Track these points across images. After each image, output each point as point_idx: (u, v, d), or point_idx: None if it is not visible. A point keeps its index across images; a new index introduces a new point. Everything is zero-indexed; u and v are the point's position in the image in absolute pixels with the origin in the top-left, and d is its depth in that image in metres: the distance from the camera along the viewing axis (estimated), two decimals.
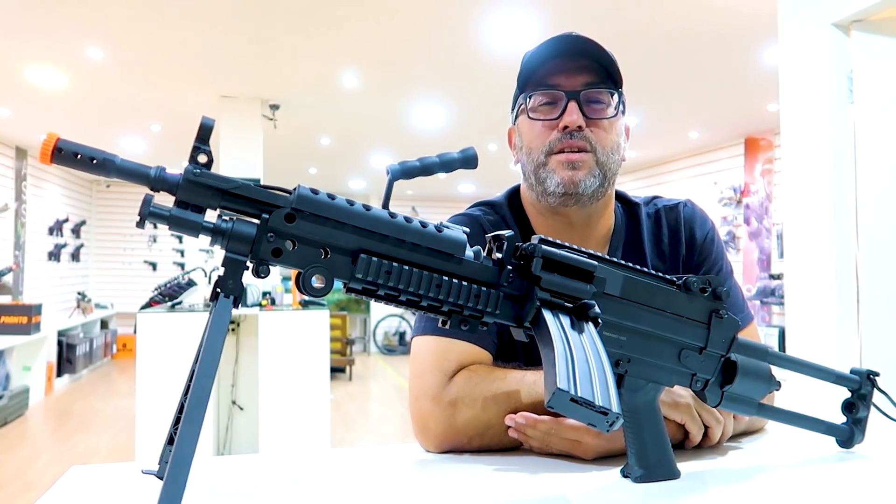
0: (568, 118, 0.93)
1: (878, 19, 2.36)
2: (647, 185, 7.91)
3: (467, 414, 0.85)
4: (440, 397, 0.87)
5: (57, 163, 0.50)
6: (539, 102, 0.97)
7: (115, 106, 5.42)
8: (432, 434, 0.87)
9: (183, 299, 4.54)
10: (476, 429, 0.85)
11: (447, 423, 0.86)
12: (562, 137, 0.94)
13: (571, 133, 0.93)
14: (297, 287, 0.57)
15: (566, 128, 0.93)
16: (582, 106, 0.94)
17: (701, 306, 0.75)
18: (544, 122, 0.96)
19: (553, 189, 0.95)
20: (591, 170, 0.94)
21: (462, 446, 0.87)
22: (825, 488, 0.73)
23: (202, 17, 3.59)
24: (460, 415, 0.86)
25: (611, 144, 0.96)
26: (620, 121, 0.99)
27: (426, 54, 4.19)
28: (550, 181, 0.95)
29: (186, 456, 0.48)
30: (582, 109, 0.94)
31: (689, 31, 3.73)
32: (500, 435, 0.85)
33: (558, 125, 0.94)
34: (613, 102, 0.96)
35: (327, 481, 0.75)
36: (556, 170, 0.95)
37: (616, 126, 0.97)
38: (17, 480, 4.02)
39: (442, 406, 0.86)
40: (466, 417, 0.85)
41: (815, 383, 0.88)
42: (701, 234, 1.04)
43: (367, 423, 5.69)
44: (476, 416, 0.85)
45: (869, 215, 2.39)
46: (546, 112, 0.96)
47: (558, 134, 0.94)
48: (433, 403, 0.87)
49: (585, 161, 0.94)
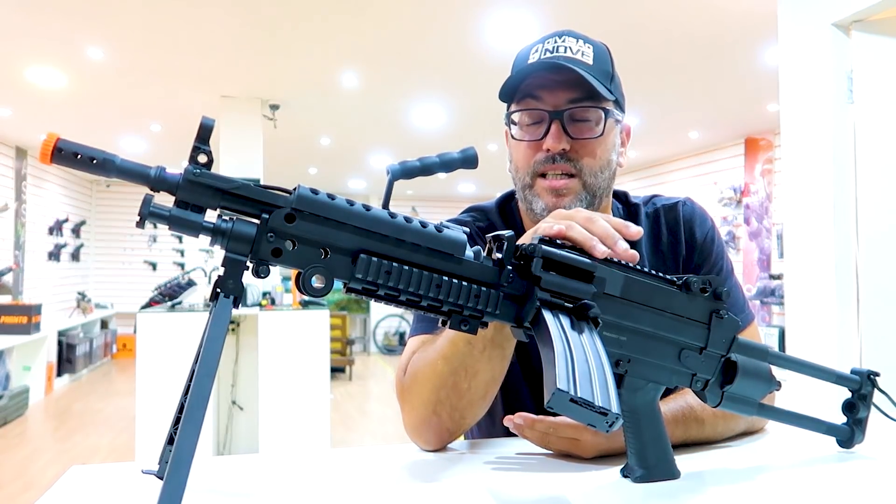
0: (550, 141, 0.91)
1: (878, 19, 2.36)
2: (647, 185, 7.91)
3: (417, 391, 0.85)
4: (401, 393, 0.89)
5: (57, 163, 0.50)
6: (524, 120, 0.95)
7: (115, 106, 5.43)
8: (411, 429, 0.87)
9: (183, 299, 4.54)
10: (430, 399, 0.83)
11: (412, 412, 0.86)
12: (545, 160, 0.92)
13: (554, 157, 0.91)
14: (297, 287, 0.56)
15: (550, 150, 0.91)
16: (566, 126, 0.91)
17: (701, 306, 0.75)
18: (528, 143, 0.94)
19: (539, 213, 0.94)
20: (577, 195, 0.93)
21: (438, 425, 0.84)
22: (825, 488, 0.73)
23: (202, 17, 3.59)
24: (414, 397, 0.86)
25: (599, 164, 0.93)
26: (612, 134, 0.95)
27: (426, 54, 4.19)
28: (536, 205, 0.94)
29: (186, 456, 0.48)
30: (566, 129, 0.91)
31: (689, 31, 3.73)
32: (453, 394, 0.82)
33: (541, 146, 0.92)
34: (601, 119, 0.92)
35: (327, 481, 0.75)
36: (541, 195, 0.93)
37: (606, 142, 0.94)
38: (17, 480, 4.02)
39: (404, 399, 0.88)
40: (418, 395, 0.85)
41: (815, 383, 0.88)
42: (701, 234, 1.03)
43: (367, 423, 5.69)
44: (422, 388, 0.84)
45: (869, 215, 2.38)
46: (530, 131, 0.94)
47: (543, 155, 0.92)
48: (400, 401, 0.89)
49: (571, 187, 0.92)
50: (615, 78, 0.96)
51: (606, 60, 0.95)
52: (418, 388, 0.85)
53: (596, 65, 0.92)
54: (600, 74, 0.92)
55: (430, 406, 0.84)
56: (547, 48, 0.94)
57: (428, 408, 0.84)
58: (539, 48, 0.95)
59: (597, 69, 0.92)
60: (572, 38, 0.94)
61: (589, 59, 0.92)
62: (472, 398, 0.83)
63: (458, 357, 0.81)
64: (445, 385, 0.82)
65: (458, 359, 0.81)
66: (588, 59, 0.92)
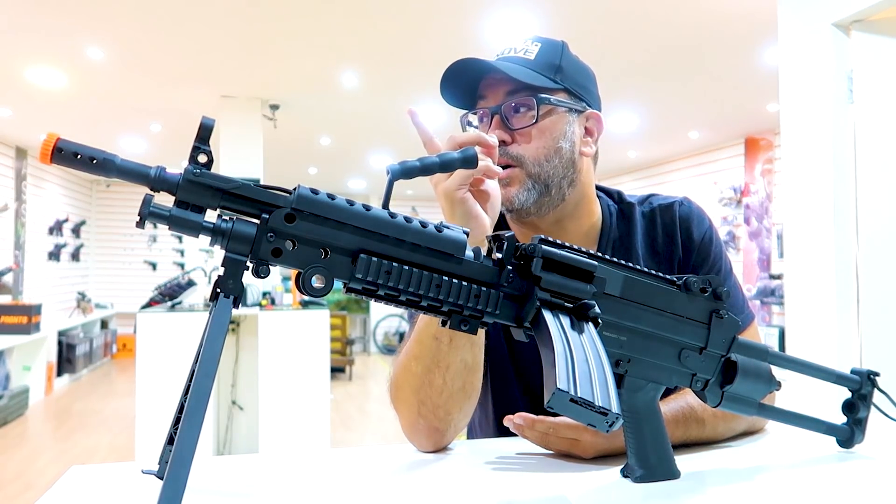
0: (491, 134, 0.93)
1: (878, 19, 2.36)
2: (647, 185, 7.91)
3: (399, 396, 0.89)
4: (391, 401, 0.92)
5: (57, 163, 0.50)
6: (475, 123, 0.99)
7: (115, 106, 5.42)
8: (406, 435, 0.90)
9: (183, 299, 4.54)
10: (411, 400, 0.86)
11: (401, 419, 0.89)
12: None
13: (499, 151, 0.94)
14: (297, 287, 0.56)
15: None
16: (507, 118, 0.93)
17: (701, 306, 0.75)
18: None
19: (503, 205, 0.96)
20: (522, 184, 0.93)
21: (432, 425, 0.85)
22: (825, 488, 0.73)
23: (202, 17, 3.59)
24: (399, 402, 0.89)
25: (542, 152, 0.93)
26: (558, 122, 0.95)
27: (426, 54, 4.19)
28: None
29: (186, 456, 0.48)
30: (507, 121, 0.93)
31: (689, 30, 3.73)
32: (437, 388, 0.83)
33: None
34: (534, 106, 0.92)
35: (327, 481, 0.75)
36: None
37: (544, 129, 0.94)
38: (17, 480, 4.02)
39: (394, 407, 0.91)
40: (400, 399, 0.88)
41: (815, 383, 0.88)
42: (699, 234, 1.02)
43: (367, 423, 5.69)
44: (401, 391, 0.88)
45: (869, 215, 2.39)
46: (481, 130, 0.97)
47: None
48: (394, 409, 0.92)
49: (513, 176, 0.93)
50: (564, 69, 0.96)
51: (554, 54, 0.96)
52: (401, 394, 0.88)
53: (538, 59, 0.95)
54: (540, 67, 0.94)
55: (413, 409, 0.86)
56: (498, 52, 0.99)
57: (413, 411, 0.86)
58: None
59: (538, 63, 0.94)
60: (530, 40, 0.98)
61: (531, 56, 0.95)
62: (451, 391, 0.84)
63: (429, 355, 0.83)
64: (423, 385, 0.84)
65: (429, 356, 0.83)
66: (531, 55, 0.95)
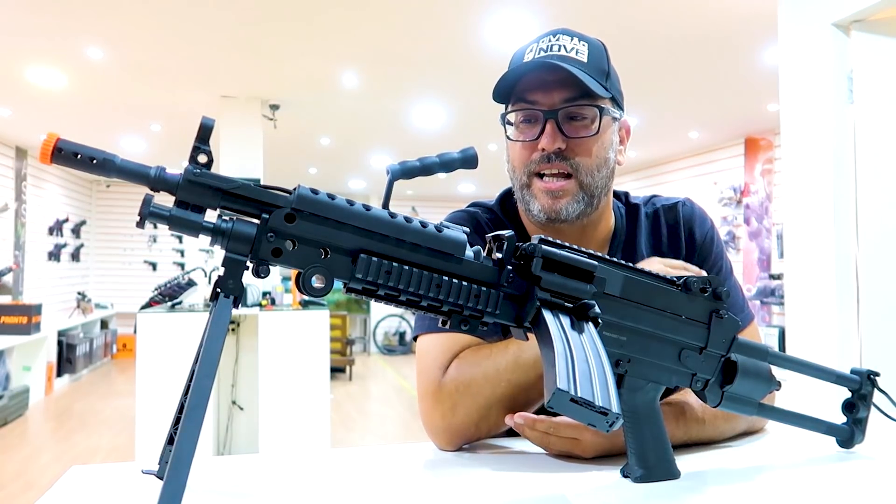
0: (545, 141, 0.90)
1: (878, 19, 2.36)
2: (647, 185, 7.91)
3: (465, 402, 0.86)
4: (438, 393, 0.88)
5: (57, 163, 0.50)
6: (519, 119, 0.95)
7: (115, 106, 5.42)
8: (440, 430, 0.87)
9: (183, 299, 4.53)
10: (478, 413, 0.85)
11: (449, 417, 0.86)
12: (541, 160, 0.92)
13: (550, 156, 0.91)
14: (297, 287, 0.56)
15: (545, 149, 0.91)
16: (561, 125, 0.91)
17: (701, 306, 0.75)
18: (524, 143, 0.94)
19: (536, 214, 0.94)
20: (573, 196, 0.92)
21: (472, 436, 0.87)
22: (825, 488, 0.73)
23: (202, 17, 3.59)
24: (458, 406, 0.86)
25: (595, 163, 0.93)
26: (608, 132, 0.94)
27: (426, 54, 4.19)
28: (533, 206, 0.94)
29: (186, 456, 0.48)
30: (561, 128, 0.91)
31: (689, 30, 3.73)
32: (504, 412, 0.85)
33: (537, 146, 0.92)
34: (596, 117, 0.91)
35: (327, 481, 0.75)
36: (538, 196, 0.93)
37: (602, 140, 0.93)
38: (17, 480, 4.02)
39: (441, 400, 0.87)
40: (465, 406, 0.86)
41: (815, 383, 0.88)
42: (700, 234, 1.03)
43: (367, 423, 5.68)
44: (473, 401, 0.85)
45: (869, 215, 2.38)
46: (525, 131, 0.94)
47: (539, 155, 0.92)
48: (434, 400, 0.88)
49: (567, 189, 0.92)
50: (612, 75, 0.95)
51: (602, 58, 0.94)
52: (468, 401, 0.86)
53: (591, 62, 0.92)
54: (595, 72, 0.91)
55: (474, 417, 0.86)
56: (542, 47, 0.93)
57: (472, 418, 0.86)
58: (534, 48, 0.94)
59: (591, 66, 0.91)
60: (567, 36, 0.94)
61: (583, 57, 0.92)
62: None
63: (529, 384, 0.84)
64: (502, 405, 0.85)
65: (529, 385, 0.84)
66: (583, 56, 0.92)
